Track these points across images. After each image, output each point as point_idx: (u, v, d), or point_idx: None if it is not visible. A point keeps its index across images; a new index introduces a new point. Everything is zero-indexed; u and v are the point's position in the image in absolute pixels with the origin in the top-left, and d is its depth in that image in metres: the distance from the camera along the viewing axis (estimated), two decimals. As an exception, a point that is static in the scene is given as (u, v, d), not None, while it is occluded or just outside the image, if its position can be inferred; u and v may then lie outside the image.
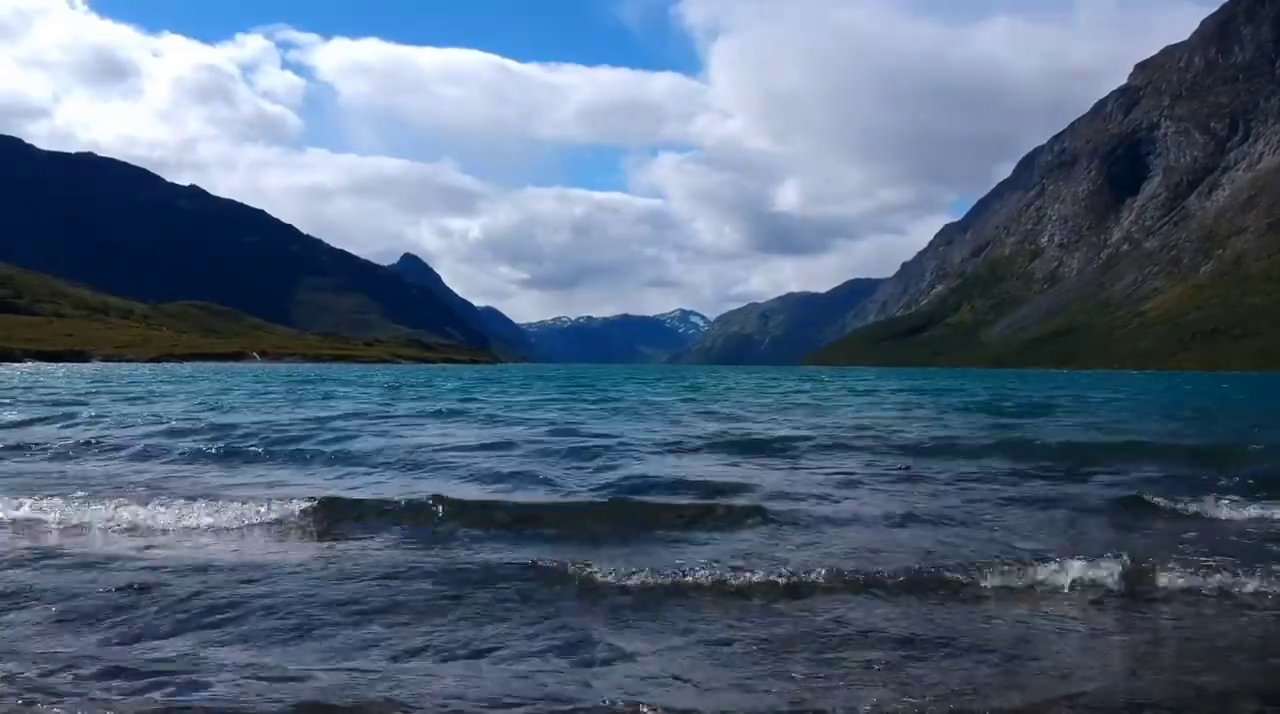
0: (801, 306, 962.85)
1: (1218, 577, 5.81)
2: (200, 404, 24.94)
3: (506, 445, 13.90)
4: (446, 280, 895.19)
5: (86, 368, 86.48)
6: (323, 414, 20.65)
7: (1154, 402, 35.46)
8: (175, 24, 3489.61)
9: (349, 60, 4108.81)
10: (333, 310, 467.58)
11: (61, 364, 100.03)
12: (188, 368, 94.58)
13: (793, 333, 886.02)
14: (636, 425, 18.36)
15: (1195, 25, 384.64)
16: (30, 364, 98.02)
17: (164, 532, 7.44)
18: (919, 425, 19.30)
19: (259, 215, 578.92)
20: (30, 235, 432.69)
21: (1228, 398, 40.57)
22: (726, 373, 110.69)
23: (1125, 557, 6.05)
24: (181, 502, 8.15)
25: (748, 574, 5.85)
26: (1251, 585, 5.70)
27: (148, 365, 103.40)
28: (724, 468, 11.84)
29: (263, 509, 7.83)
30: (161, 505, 7.99)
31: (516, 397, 32.65)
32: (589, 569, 5.87)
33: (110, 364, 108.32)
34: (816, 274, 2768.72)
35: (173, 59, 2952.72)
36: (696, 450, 13.86)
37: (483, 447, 13.70)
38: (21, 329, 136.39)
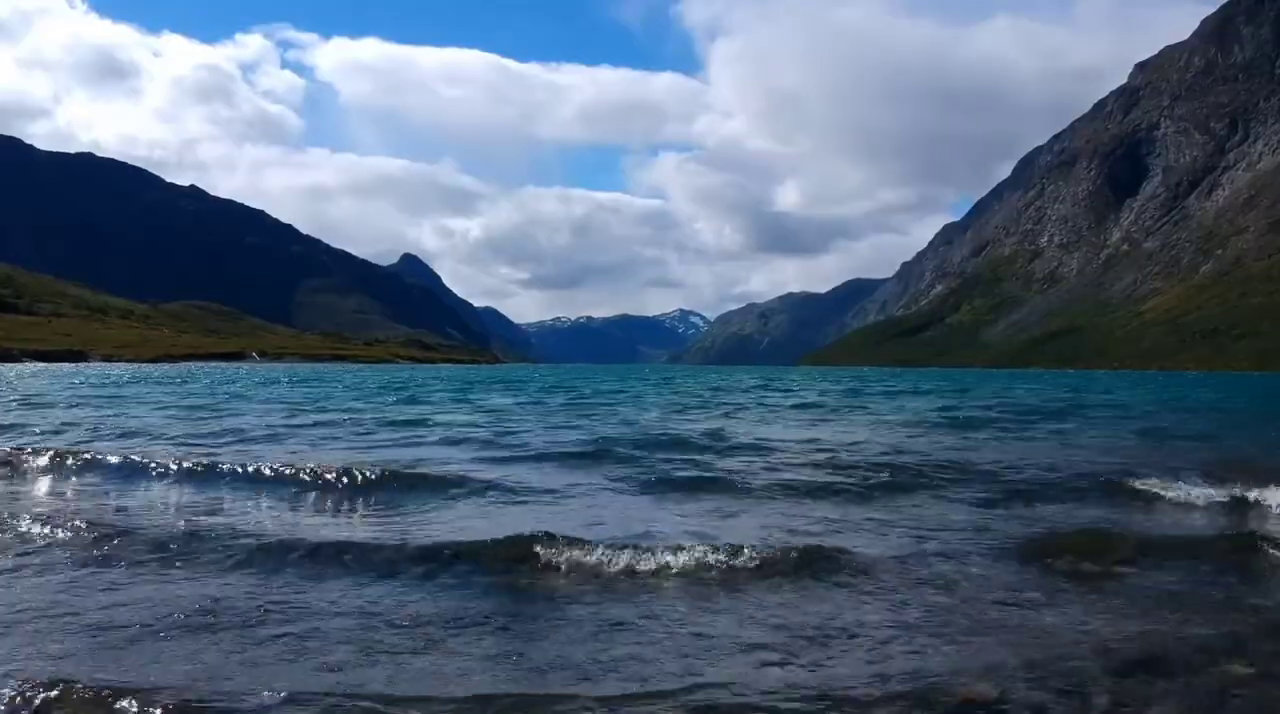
0: (801, 307, 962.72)
1: None
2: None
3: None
4: (447, 280, 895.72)
5: (90, 368, 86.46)
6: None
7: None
8: (175, 24, 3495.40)
9: (349, 60, 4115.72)
10: (333, 310, 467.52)
11: (60, 364, 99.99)
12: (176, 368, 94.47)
13: (792, 333, 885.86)
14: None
15: (1195, 25, 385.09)
16: (31, 365, 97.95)
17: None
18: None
19: (259, 215, 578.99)
20: (30, 235, 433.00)
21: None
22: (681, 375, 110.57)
23: None
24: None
25: None
26: None
27: (153, 366, 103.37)
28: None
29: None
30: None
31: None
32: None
33: (109, 364, 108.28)
34: (817, 274, 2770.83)
35: (173, 59, 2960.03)
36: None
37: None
38: (21, 329, 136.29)
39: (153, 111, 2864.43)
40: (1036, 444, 15.85)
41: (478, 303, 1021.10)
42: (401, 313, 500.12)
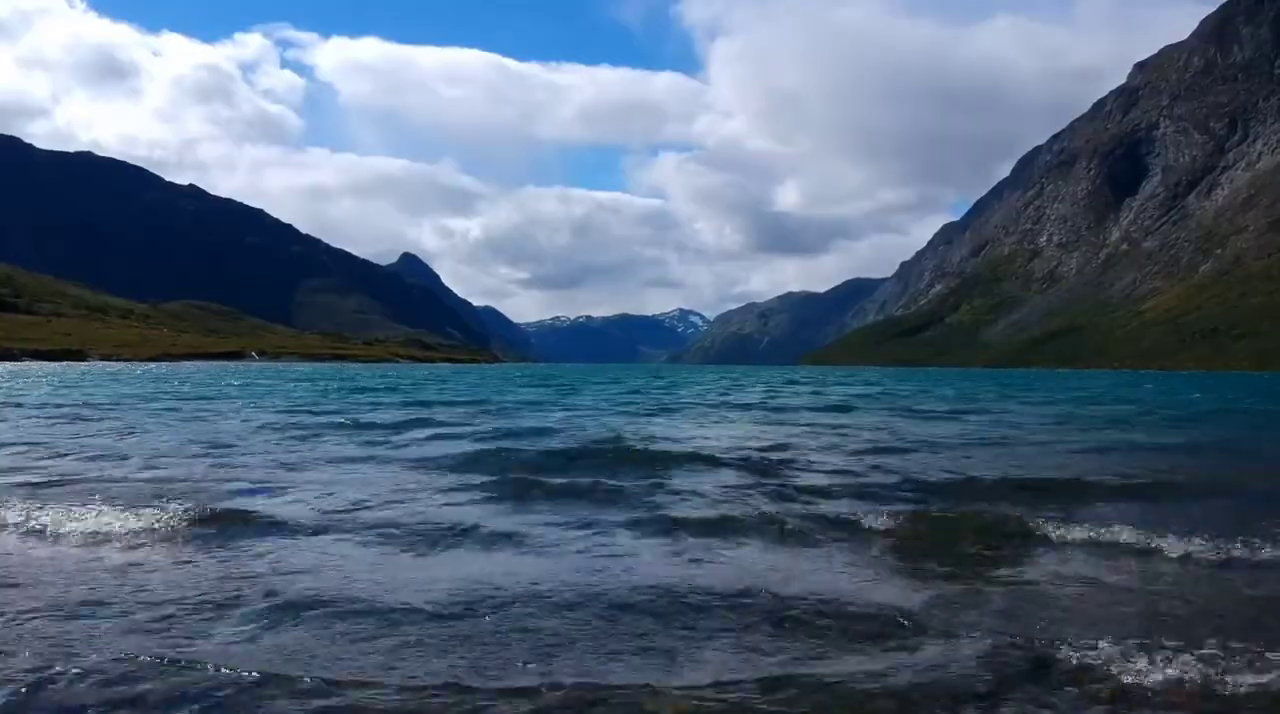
0: (801, 306, 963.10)
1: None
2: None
3: None
4: (446, 280, 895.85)
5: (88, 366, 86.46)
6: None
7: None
8: (174, 23, 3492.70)
9: (348, 59, 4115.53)
10: (333, 310, 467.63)
11: (59, 363, 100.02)
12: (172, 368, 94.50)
13: (792, 333, 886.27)
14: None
15: (1194, 25, 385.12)
16: (30, 364, 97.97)
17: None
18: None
19: (259, 215, 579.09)
20: (30, 235, 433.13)
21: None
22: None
23: None
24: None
25: None
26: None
27: (149, 364, 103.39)
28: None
29: None
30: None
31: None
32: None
33: (108, 363, 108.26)
34: (817, 274, 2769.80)
35: (172, 58, 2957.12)
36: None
37: None
38: (20, 329, 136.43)
39: (152, 111, 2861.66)
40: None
41: (477, 302, 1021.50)
42: (401, 313, 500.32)
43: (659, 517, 7.88)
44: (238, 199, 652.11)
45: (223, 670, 3.93)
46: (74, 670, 3.94)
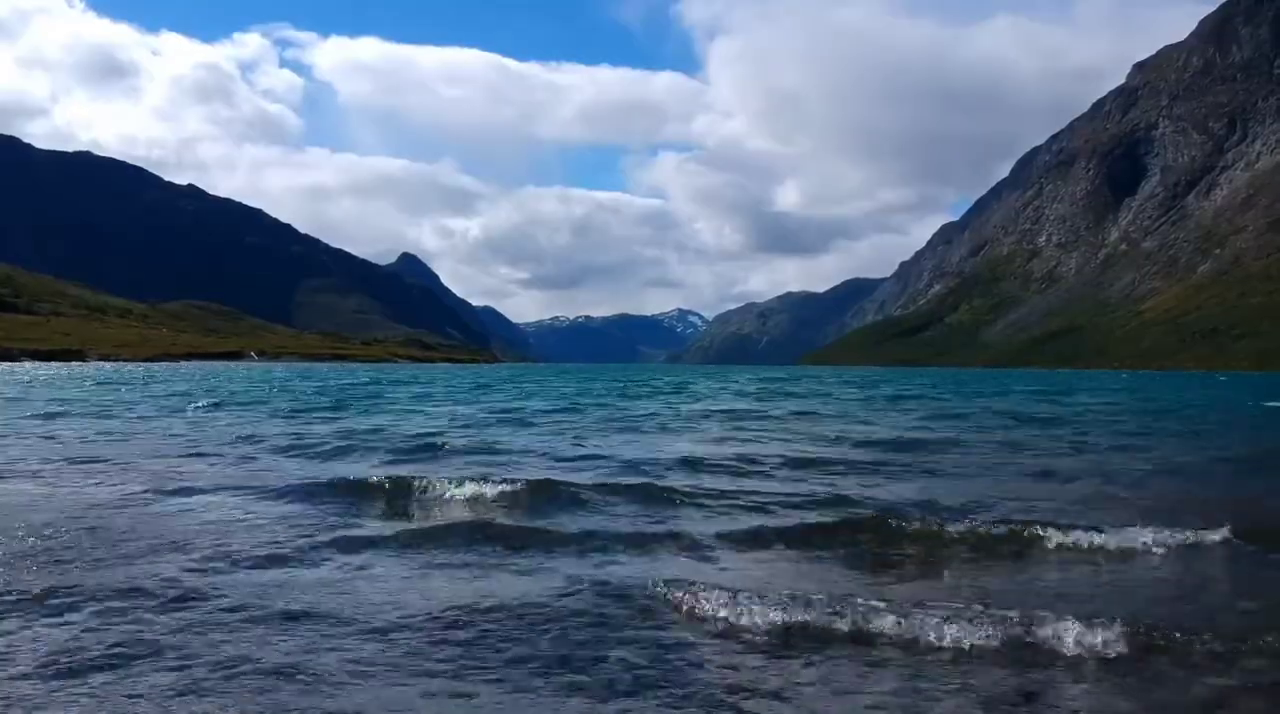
0: (800, 306, 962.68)
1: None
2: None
3: None
4: (446, 280, 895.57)
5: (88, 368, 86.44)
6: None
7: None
8: (174, 23, 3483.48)
9: (348, 59, 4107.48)
10: (333, 310, 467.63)
11: (58, 363, 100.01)
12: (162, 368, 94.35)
13: (792, 333, 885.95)
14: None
15: (1194, 25, 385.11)
16: (29, 364, 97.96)
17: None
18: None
19: (258, 215, 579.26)
20: (29, 235, 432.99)
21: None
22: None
23: None
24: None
25: None
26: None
27: (148, 364, 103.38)
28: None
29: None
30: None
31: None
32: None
33: (107, 363, 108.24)
34: (816, 274, 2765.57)
35: (171, 58, 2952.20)
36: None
37: None
38: (20, 328, 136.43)
39: (152, 111, 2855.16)
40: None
41: (476, 302, 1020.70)
42: (401, 313, 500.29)
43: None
44: (237, 199, 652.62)
45: None
46: None
